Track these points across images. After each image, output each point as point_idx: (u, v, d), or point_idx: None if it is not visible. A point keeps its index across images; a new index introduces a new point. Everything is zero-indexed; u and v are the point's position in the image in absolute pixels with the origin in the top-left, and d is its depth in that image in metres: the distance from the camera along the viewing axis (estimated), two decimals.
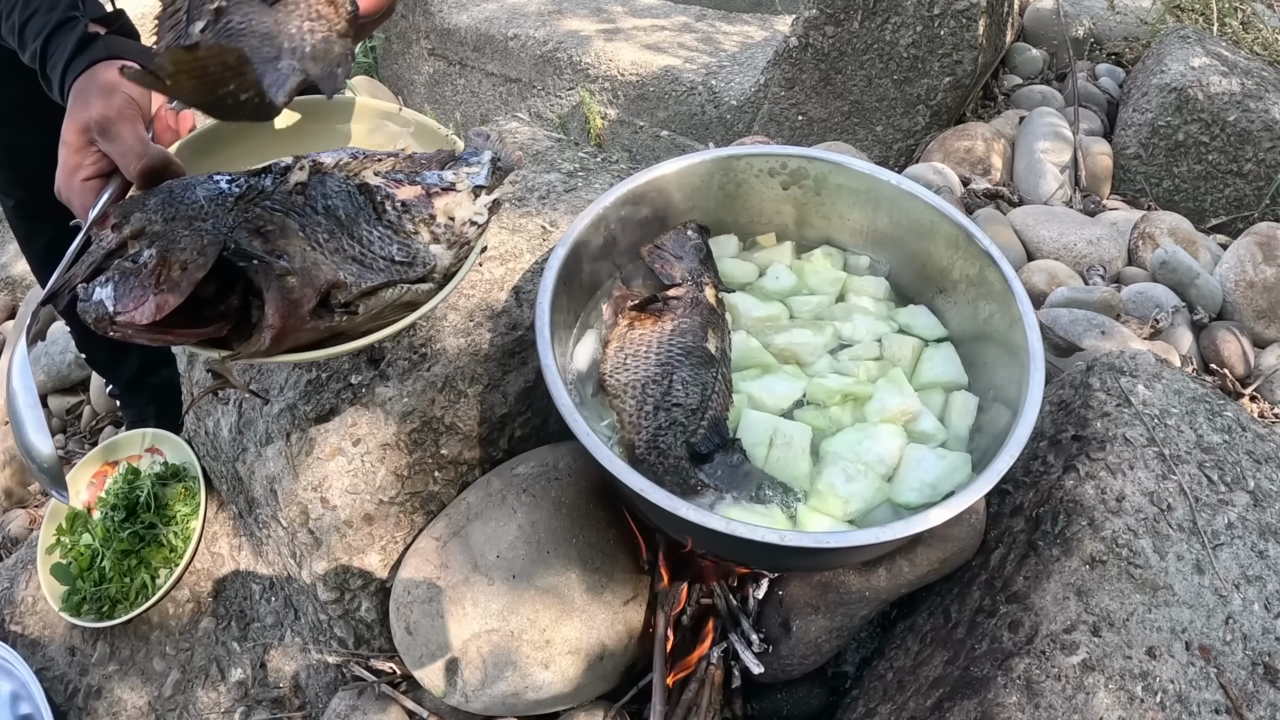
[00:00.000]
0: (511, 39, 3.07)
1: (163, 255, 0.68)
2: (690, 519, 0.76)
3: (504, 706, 0.98)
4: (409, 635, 0.99)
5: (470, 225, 0.86)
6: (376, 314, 0.79)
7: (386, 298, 0.78)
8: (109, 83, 0.83)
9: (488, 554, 0.99)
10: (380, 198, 0.83)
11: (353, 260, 0.77)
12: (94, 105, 0.81)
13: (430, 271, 0.82)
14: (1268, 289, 1.72)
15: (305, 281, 0.71)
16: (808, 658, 1.02)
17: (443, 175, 0.89)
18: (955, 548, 1.00)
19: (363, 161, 0.88)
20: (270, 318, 0.69)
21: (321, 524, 1.05)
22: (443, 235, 0.84)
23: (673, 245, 1.11)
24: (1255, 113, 2.02)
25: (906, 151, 2.38)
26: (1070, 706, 0.82)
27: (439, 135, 0.98)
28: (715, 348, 1.02)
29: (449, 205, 0.86)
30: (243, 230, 0.72)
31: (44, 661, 1.35)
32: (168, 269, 0.67)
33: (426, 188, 0.87)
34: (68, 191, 0.83)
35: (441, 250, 0.83)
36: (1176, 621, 0.90)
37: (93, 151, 0.82)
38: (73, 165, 0.82)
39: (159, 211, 0.75)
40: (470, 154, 0.93)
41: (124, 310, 0.67)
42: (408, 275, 0.80)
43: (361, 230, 0.79)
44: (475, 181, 0.89)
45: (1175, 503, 0.99)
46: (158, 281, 0.67)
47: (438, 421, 1.07)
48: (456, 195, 0.87)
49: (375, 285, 0.77)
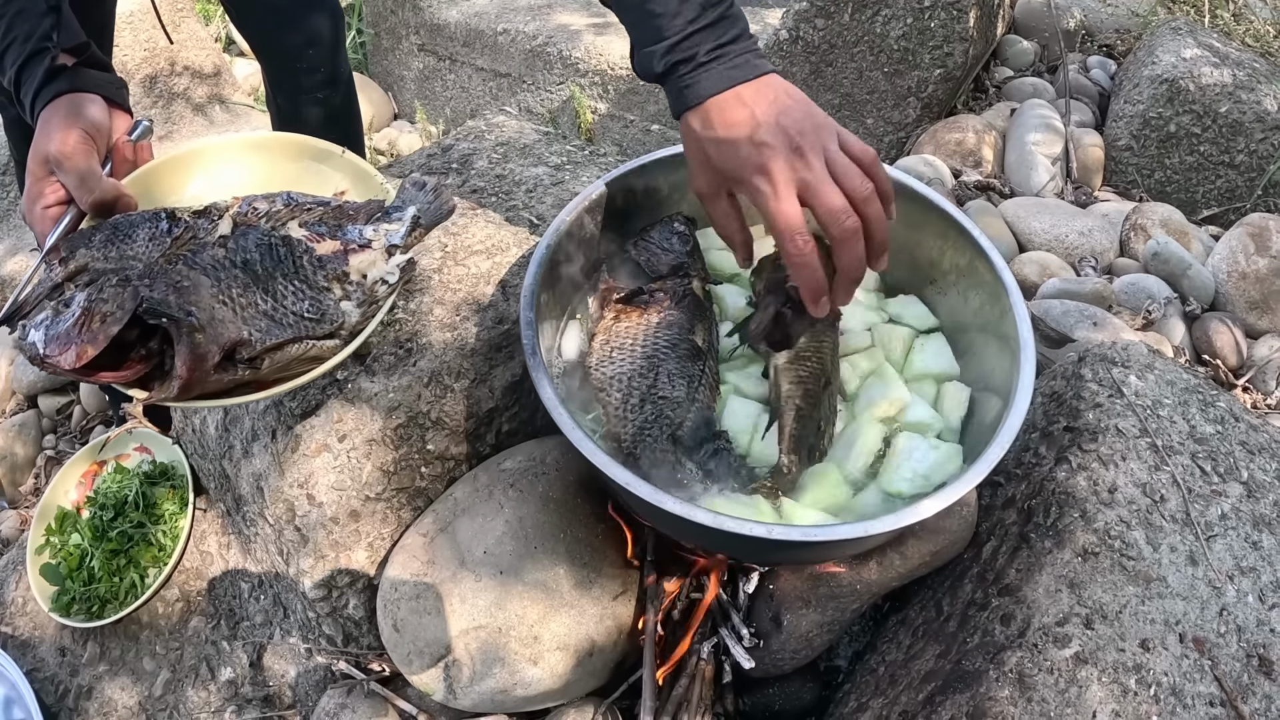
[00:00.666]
0: (501, 34, 3.05)
1: (87, 306, 0.77)
2: (676, 513, 0.75)
3: (493, 703, 0.97)
4: (396, 632, 0.98)
5: (381, 284, 0.90)
6: (282, 366, 0.84)
7: (292, 353, 0.83)
8: (69, 118, 0.88)
9: (475, 550, 0.98)
10: (300, 252, 0.88)
11: (263, 315, 0.83)
12: (54, 137, 0.86)
13: (337, 328, 0.86)
14: (1260, 280, 1.72)
15: (211, 338, 0.77)
16: (799, 652, 1.01)
17: (363, 231, 0.92)
18: (947, 540, 1.00)
19: (293, 210, 0.92)
20: (179, 369, 0.75)
21: (308, 521, 1.04)
22: (354, 293, 0.88)
23: (659, 238, 1.10)
24: (1247, 104, 2.02)
25: (898, 144, 2.37)
26: (1063, 700, 0.81)
27: (374, 183, 1.01)
28: (702, 340, 1.01)
29: (363, 263, 0.90)
30: (161, 283, 0.79)
31: (35, 662, 1.35)
32: (89, 320, 0.76)
33: (345, 243, 0.90)
34: (30, 218, 0.88)
35: (351, 308, 0.87)
36: (1170, 614, 0.89)
37: (53, 181, 0.87)
38: (35, 194, 0.87)
39: (101, 249, 0.84)
40: (395, 208, 0.96)
41: (51, 355, 0.75)
42: (314, 332, 0.85)
43: (276, 285, 0.85)
44: (391, 240, 0.92)
45: (1168, 494, 0.99)
46: (80, 331, 0.75)
47: (424, 416, 1.07)
48: (371, 254, 0.91)
49: (280, 342, 0.82)
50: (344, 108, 1.75)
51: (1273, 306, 1.73)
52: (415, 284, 1.16)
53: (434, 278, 1.16)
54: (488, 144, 1.46)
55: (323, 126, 1.65)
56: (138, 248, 0.85)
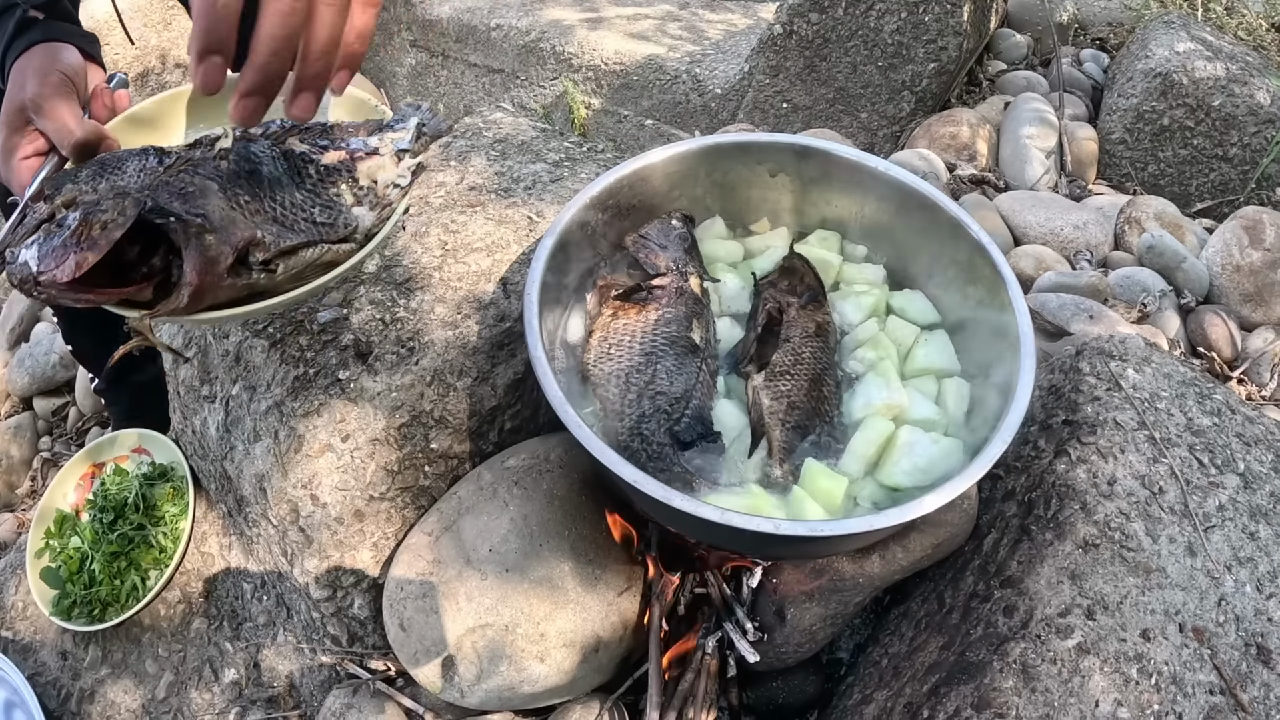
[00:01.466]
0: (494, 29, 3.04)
1: (85, 216, 0.70)
2: (684, 509, 0.75)
3: (500, 700, 0.98)
4: (403, 632, 0.98)
5: (393, 188, 0.87)
6: (297, 273, 0.80)
7: (306, 257, 0.79)
8: (44, 63, 0.86)
9: (480, 548, 0.98)
10: (304, 162, 0.84)
11: (273, 220, 0.78)
12: (29, 85, 0.83)
13: (352, 232, 0.83)
14: (1254, 272, 1.73)
15: (222, 239, 0.72)
16: (802, 645, 1.02)
17: (367, 141, 0.90)
18: (948, 533, 1.00)
19: (289, 131, 0.89)
20: (188, 275, 0.70)
21: (312, 521, 1.04)
22: (365, 198, 0.85)
23: (657, 235, 1.11)
24: (1240, 97, 2.03)
25: (892, 138, 2.37)
26: (1066, 690, 0.82)
27: (368, 106, 0.98)
28: (700, 338, 1.02)
29: (372, 169, 0.87)
30: (164, 192, 0.73)
31: (36, 667, 1.34)
32: (89, 229, 0.69)
33: (350, 152, 0.88)
34: (5, 171, 0.84)
35: (364, 212, 0.84)
36: (1170, 604, 0.90)
37: (29, 131, 0.83)
38: (10, 146, 0.83)
39: (90, 182, 0.78)
40: (396, 120, 0.94)
41: (46, 269, 0.69)
42: (329, 236, 0.81)
43: (284, 193, 0.81)
44: (399, 146, 0.90)
45: (1167, 486, 1.00)
46: (79, 241, 0.69)
47: (427, 415, 1.07)
48: (380, 159, 0.88)
49: (294, 244, 0.78)
50: None
51: (1267, 299, 1.73)
52: (415, 281, 1.16)
53: (434, 275, 1.16)
54: (485, 141, 1.45)
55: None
56: (128, 179, 0.79)
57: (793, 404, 0.95)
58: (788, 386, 0.97)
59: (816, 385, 0.98)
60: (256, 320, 1.14)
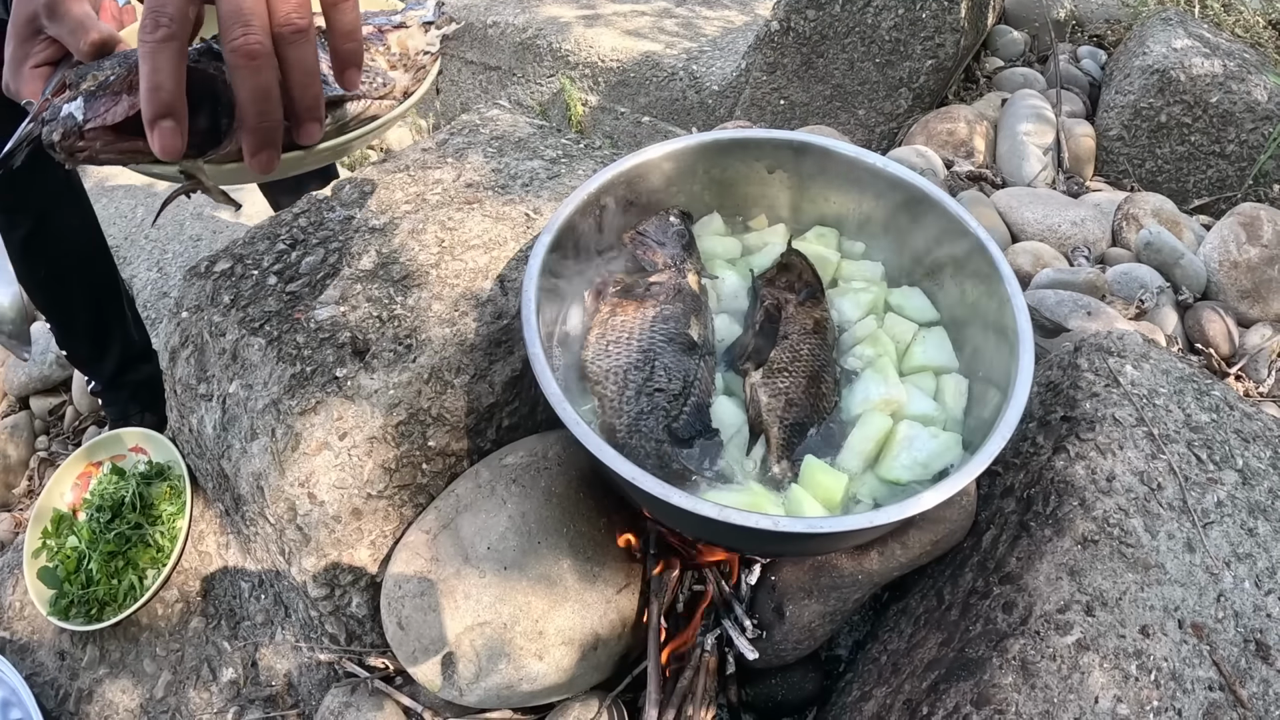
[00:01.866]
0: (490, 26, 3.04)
1: (128, 70, 0.68)
2: (682, 506, 0.75)
3: (499, 699, 0.97)
4: (401, 630, 0.98)
5: (424, 54, 0.95)
6: (340, 125, 0.85)
7: (350, 110, 0.84)
8: None
9: (479, 546, 0.98)
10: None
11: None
12: None
13: (389, 91, 0.89)
14: (1251, 269, 1.73)
15: None
16: (801, 642, 1.02)
17: (390, 17, 0.97)
18: (947, 529, 1.00)
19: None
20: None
21: (309, 520, 1.03)
22: (399, 62, 0.92)
23: (655, 231, 1.10)
24: (1237, 94, 2.03)
25: (889, 134, 2.37)
26: (1066, 686, 0.82)
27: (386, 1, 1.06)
28: (698, 335, 1.01)
29: (402, 38, 0.94)
30: (203, 56, 0.72)
31: (34, 667, 1.34)
32: (134, 76, 0.66)
33: (378, 26, 0.95)
34: (15, 82, 0.80)
35: (399, 74, 0.91)
36: (1169, 600, 0.90)
37: (40, 39, 0.79)
38: (20, 55, 0.79)
39: (113, 68, 0.73)
40: (414, 3, 1.01)
41: (94, 115, 0.66)
42: (369, 93, 0.86)
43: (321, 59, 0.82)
44: (424, 19, 0.98)
45: (1165, 482, 1.00)
46: (129, 88, 0.67)
47: (424, 413, 1.06)
48: (408, 29, 0.96)
49: (338, 96, 0.82)
50: None
51: (1264, 295, 1.74)
52: (412, 278, 1.16)
53: (432, 273, 1.16)
54: (482, 138, 1.45)
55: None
56: None
57: (791, 401, 0.95)
58: (786, 384, 0.97)
59: (814, 382, 0.98)
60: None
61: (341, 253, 1.21)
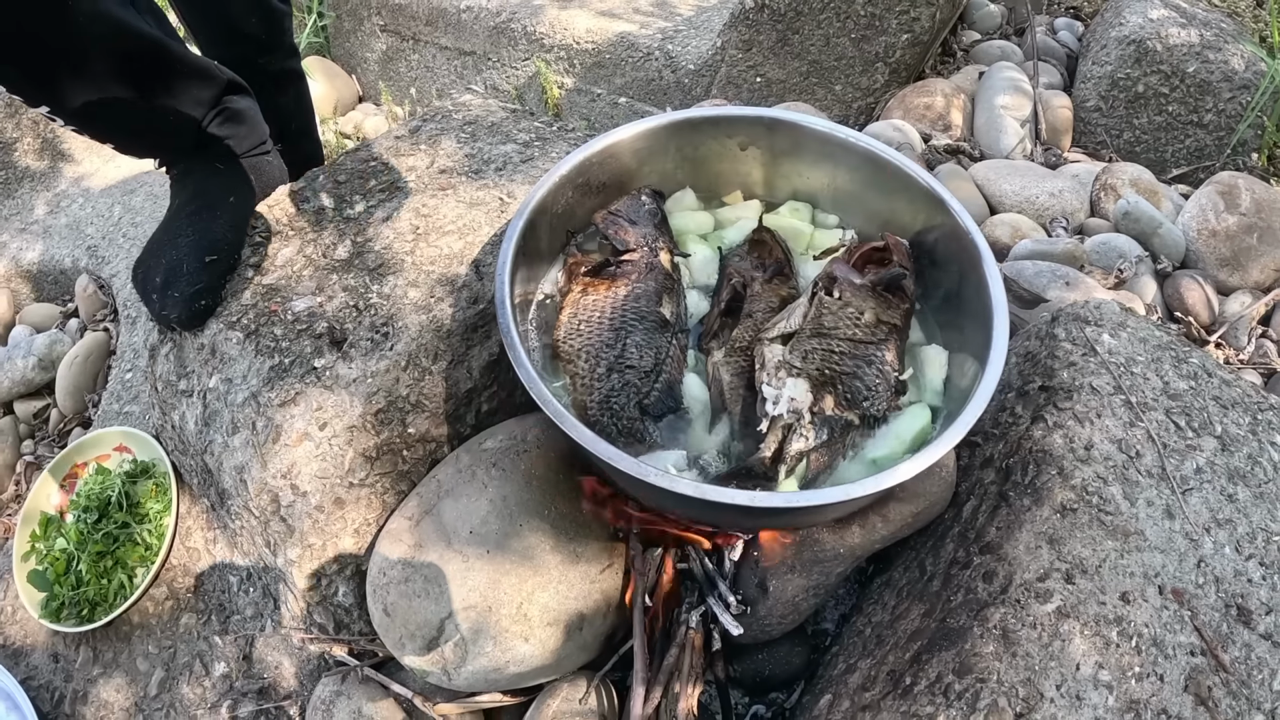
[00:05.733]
0: (464, 11, 3.01)
1: None
2: (660, 485, 0.75)
3: (486, 682, 0.98)
4: (387, 617, 0.98)
5: None
6: None
7: None
8: None
9: (461, 530, 0.98)
10: None
11: None
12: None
13: None
14: (1230, 237, 1.74)
15: None
16: (786, 617, 1.03)
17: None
18: (927, 501, 1.01)
19: None
20: None
21: (293, 511, 1.03)
22: None
23: (627, 210, 1.10)
24: (1214, 63, 2.03)
25: (866, 110, 2.37)
26: (1047, 654, 0.83)
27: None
28: (670, 313, 1.02)
29: None
30: None
31: (28, 671, 1.34)
32: None
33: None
34: None
35: None
36: (1149, 566, 0.91)
37: None
38: None
39: None
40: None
41: None
42: None
43: None
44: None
45: (1144, 449, 1.00)
46: None
47: (403, 400, 1.06)
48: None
49: None
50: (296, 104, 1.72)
51: (1243, 263, 1.74)
52: (387, 266, 1.15)
53: (407, 260, 1.15)
54: (455, 123, 1.44)
55: (280, 121, 1.58)
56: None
57: (753, 381, 0.95)
58: (748, 362, 0.97)
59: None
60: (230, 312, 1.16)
61: (316, 243, 1.20)
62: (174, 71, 1.17)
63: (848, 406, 0.91)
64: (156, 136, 1.23)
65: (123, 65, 1.10)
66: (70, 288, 2.54)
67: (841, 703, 0.94)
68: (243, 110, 1.30)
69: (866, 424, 0.92)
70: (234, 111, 1.28)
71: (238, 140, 1.30)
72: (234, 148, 1.29)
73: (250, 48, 1.52)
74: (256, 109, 1.35)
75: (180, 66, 1.18)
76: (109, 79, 1.09)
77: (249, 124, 1.32)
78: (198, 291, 1.14)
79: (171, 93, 1.18)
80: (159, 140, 1.25)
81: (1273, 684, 0.88)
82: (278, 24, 1.58)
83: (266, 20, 1.54)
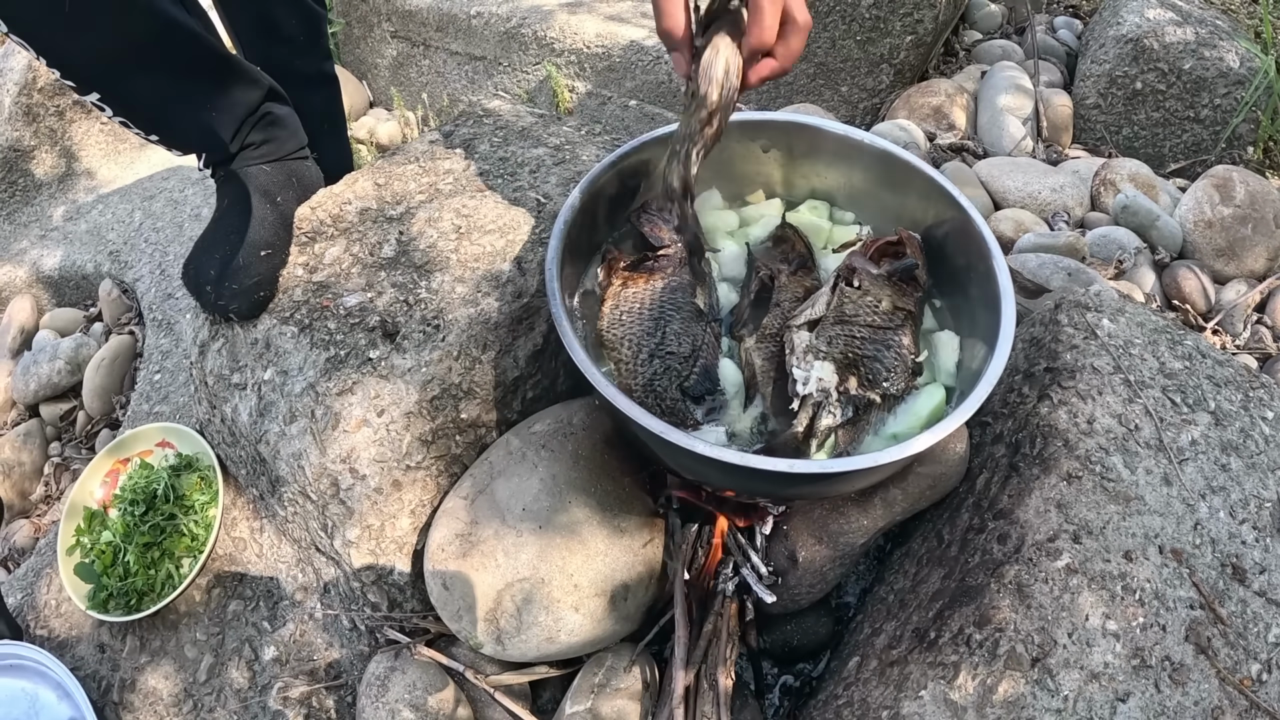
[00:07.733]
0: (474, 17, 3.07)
1: None
2: (709, 455, 0.83)
3: (538, 652, 1.04)
4: (446, 590, 1.05)
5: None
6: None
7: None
8: None
9: (514, 508, 1.05)
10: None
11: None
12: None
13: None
14: (1225, 228, 1.81)
15: None
16: (814, 586, 1.10)
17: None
18: (943, 473, 1.08)
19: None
20: None
21: (352, 494, 1.10)
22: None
23: (659, 209, 1.18)
24: (1210, 60, 2.09)
25: (872, 110, 2.43)
26: (1058, 605, 0.91)
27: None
28: (704, 304, 1.10)
29: None
30: None
31: (74, 661, 1.37)
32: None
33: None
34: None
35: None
36: (1149, 528, 0.99)
37: None
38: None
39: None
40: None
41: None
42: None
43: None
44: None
45: (1142, 423, 1.08)
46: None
47: (456, 387, 1.13)
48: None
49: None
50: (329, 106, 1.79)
51: (1238, 253, 1.81)
52: (433, 264, 1.22)
53: (452, 257, 1.23)
54: (486, 129, 1.51)
55: (313, 123, 1.65)
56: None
57: (783, 364, 1.03)
58: (777, 348, 1.04)
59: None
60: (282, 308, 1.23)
61: (362, 242, 1.27)
62: (223, 72, 1.23)
63: (869, 386, 0.98)
64: (203, 135, 1.28)
65: (176, 61, 1.16)
66: (92, 293, 2.58)
67: (870, 662, 1.02)
68: (283, 116, 1.37)
69: (887, 403, 0.99)
70: (276, 116, 1.35)
71: (279, 144, 1.36)
72: (276, 151, 1.36)
73: (289, 49, 1.59)
74: (295, 116, 1.42)
75: (228, 68, 1.24)
76: (162, 73, 1.15)
77: (289, 129, 1.39)
78: (256, 283, 1.20)
79: (220, 92, 1.24)
80: (205, 139, 1.29)
81: (1267, 636, 0.95)
82: (315, 25, 1.65)
83: (305, 21, 1.61)
